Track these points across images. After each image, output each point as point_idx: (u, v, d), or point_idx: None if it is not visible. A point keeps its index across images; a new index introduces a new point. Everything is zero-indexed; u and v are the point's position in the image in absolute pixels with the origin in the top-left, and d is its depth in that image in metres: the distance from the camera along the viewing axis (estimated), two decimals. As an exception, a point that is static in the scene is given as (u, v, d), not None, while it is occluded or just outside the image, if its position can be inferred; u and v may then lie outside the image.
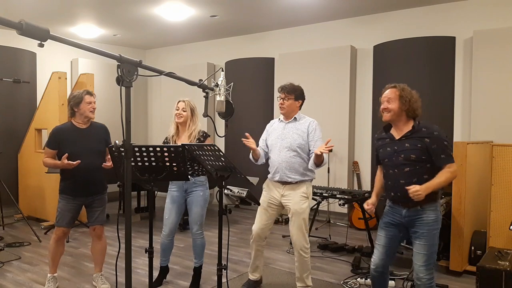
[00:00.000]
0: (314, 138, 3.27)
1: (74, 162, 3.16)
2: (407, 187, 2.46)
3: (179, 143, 3.41)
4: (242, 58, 6.91)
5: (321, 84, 6.05)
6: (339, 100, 5.93)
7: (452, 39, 5.23)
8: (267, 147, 3.45)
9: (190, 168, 3.41)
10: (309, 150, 3.28)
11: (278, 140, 3.35)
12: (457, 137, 5.25)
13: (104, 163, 3.33)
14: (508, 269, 3.03)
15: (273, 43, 6.87)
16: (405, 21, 5.63)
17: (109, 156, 3.46)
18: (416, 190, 2.42)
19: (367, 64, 5.89)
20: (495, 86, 4.77)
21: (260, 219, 3.43)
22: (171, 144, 3.45)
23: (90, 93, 3.41)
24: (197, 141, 3.45)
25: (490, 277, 3.07)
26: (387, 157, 2.69)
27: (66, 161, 3.15)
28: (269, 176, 3.44)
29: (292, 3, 5.41)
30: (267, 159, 3.46)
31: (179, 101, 3.51)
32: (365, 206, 2.80)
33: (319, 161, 3.13)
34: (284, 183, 3.32)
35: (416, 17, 5.57)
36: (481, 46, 4.87)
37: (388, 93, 2.67)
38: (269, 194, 3.41)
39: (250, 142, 3.22)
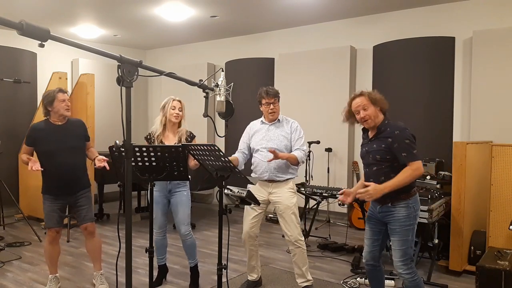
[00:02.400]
0: (295, 138, 3.39)
1: (32, 168, 3.13)
2: (366, 189, 2.55)
3: (166, 142, 3.41)
4: (242, 58, 6.92)
5: (321, 84, 6.05)
6: (338, 100, 5.91)
7: (452, 39, 5.24)
8: (249, 149, 3.52)
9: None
10: (291, 150, 3.39)
11: (264, 141, 3.42)
12: (457, 137, 5.25)
13: (98, 164, 3.29)
14: (508, 269, 3.04)
15: (273, 43, 6.87)
16: (405, 22, 5.64)
17: (97, 154, 3.46)
18: (366, 190, 2.53)
19: (367, 65, 5.90)
20: (495, 86, 4.77)
21: (248, 218, 3.49)
22: (171, 145, 3.44)
23: (63, 91, 3.35)
24: (186, 141, 3.46)
25: (490, 277, 3.08)
26: (362, 156, 2.84)
27: (33, 167, 3.13)
28: (254, 175, 3.48)
29: (292, 3, 5.41)
30: (249, 160, 3.53)
31: (174, 100, 3.46)
32: (341, 195, 2.83)
33: (291, 162, 3.29)
34: (271, 181, 3.39)
35: (415, 17, 5.57)
36: (481, 46, 4.87)
37: (359, 101, 2.72)
38: (256, 193, 3.42)
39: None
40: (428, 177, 4.32)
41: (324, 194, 4.61)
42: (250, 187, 3.49)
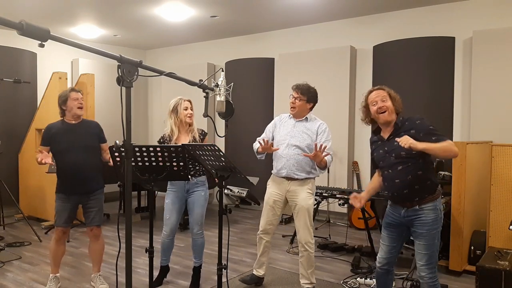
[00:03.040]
0: (322, 140, 3.30)
1: (42, 160, 3.14)
2: (397, 139, 2.45)
3: (179, 144, 3.40)
4: (242, 58, 6.92)
5: (321, 84, 6.02)
6: (338, 100, 5.94)
7: (452, 39, 5.24)
8: (272, 139, 3.47)
9: (192, 168, 3.41)
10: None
11: (288, 136, 3.38)
12: (457, 137, 5.25)
13: (107, 161, 3.33)
14: (508, 269, 3.04)
15: (273, 43, 6.88)
16: (405, 21, 5.64)
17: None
18: (406, 139, 2.39)
19: (367, 65, 5.90)
20: (495, 86, 4.77)
21: (267, 215, 3.47)
22: (171, 144, 3.44)
23: (76, 90, 3.41)
24: (199, 139, 3.47)
25: (490, 277, 3.08)
26: (381, 159, 2.72)
27: (43, 160, 3.15)
28: (273, 171, 3.46)
29: (292, 3, 5.42)
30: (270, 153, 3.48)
31: (185, 100, 3.45)
32: (351, 197, 2.79)
33: (320, 165, 3.21)
34: (289, 179, 3.35)
35: (415, 17, 5.57)
36: (481, 46, 4.87)
37: (378, 93, 2.69)
38: (274, 190, 3.44)
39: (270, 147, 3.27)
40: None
41: (324, 194, 4.61)
42: (269, 183, 3.51)
